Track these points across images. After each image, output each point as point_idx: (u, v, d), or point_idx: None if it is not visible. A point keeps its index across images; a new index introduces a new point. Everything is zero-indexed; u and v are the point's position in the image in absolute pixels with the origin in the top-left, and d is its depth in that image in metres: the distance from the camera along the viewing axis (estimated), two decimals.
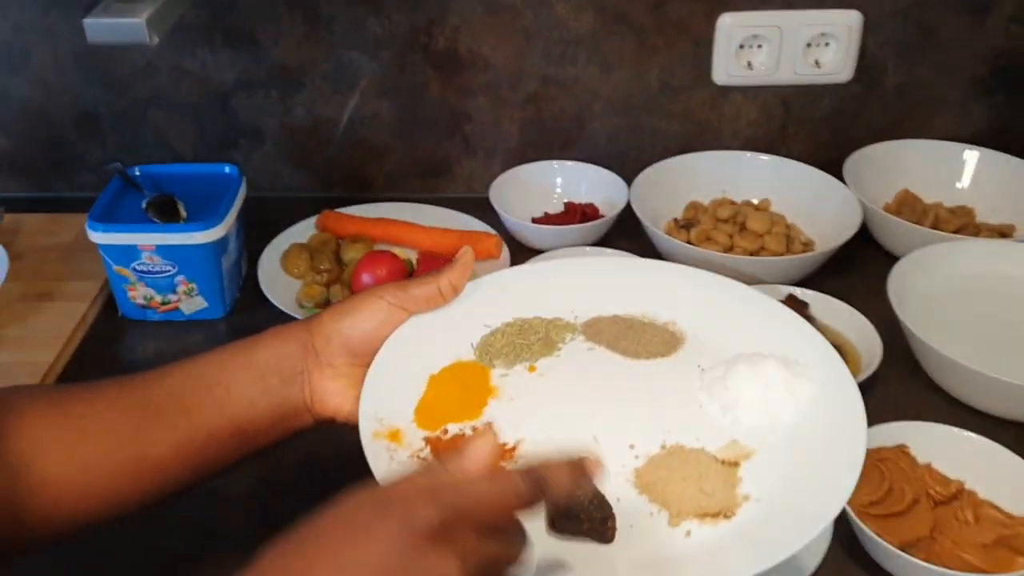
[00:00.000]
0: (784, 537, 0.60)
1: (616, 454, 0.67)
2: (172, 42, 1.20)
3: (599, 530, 0.60)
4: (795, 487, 0.64)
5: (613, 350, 0.76)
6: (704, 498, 0.64)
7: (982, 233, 1.16)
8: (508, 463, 0.66)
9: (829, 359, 0.73)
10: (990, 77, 1.25)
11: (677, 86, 1.24)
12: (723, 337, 0.76)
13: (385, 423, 0.69)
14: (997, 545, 0.77)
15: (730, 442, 0.68)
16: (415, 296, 0.74)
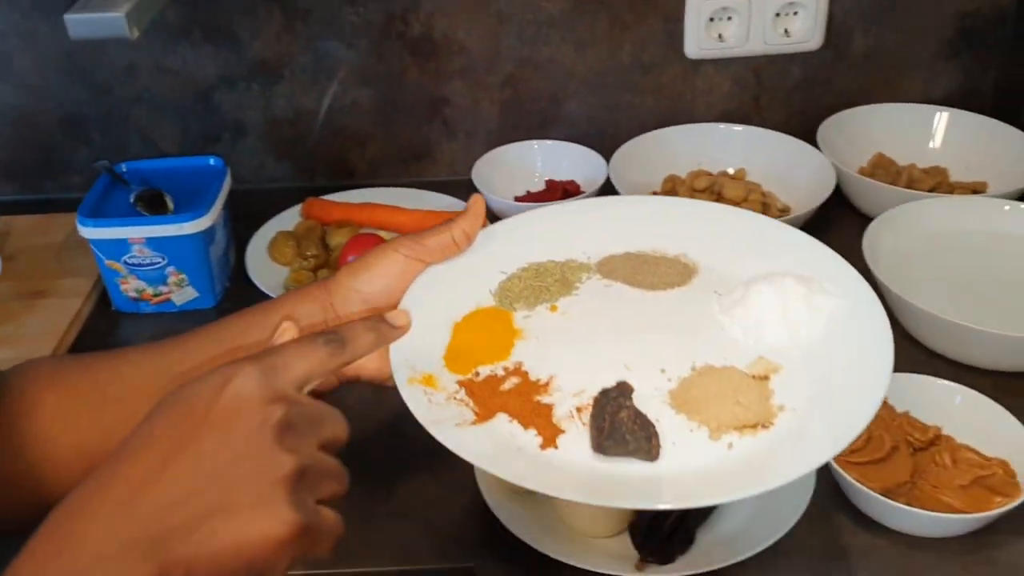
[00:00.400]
0: (825, 440, 0.61)
1: (649, 379, 0.67)
2: (153, 41, 1.22)
3: (644, 448, 0.62)
4: (829, 394, 0.65)
5: (630, 284, 0.76)
6: (741, 410, 0.64)
7: (956, 191, 1.18)
8: (544, 397, 0.67)
9: (844, 271, 0.74)
10: (956, 38, 1.27)
11: (650, 62, 1.26)
12: (734, 262, 0.76)
13: (418, 369, 0.68)
14: (974, 486, 0.79)
15: (757, 359, 0.69)
16: (430, 247, 0.73)
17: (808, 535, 0.79)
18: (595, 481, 0.61)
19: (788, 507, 0.79)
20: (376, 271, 0.72)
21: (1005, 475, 0.80)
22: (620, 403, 0.64)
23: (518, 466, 0.62)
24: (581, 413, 0.65)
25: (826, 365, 0.67)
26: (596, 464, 0.62)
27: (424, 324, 0.71)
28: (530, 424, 0.65)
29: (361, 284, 0.72)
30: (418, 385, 0.67)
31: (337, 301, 0.71)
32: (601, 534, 0.79)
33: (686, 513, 0.77)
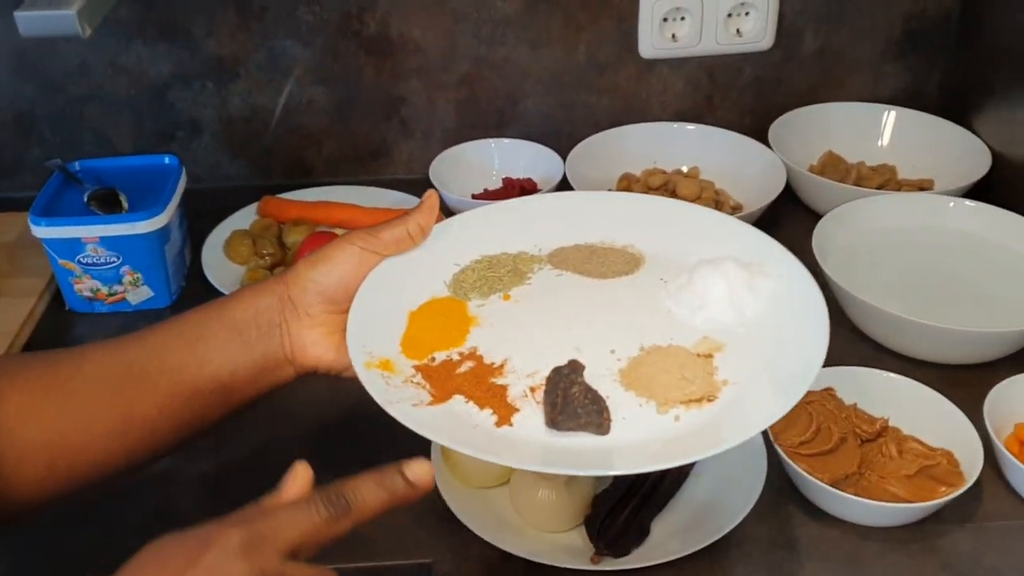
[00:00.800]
0: (767, 407, 0.64)
1: (599, 359, 0.70)
2: (106, 38, 1.20)
3: (596, 421, 0.64)
4: (770, 367, 0.69)
5: (580, 273, 0.80)
6: (687, 385, 0.68)
7: (903, 189, 1.21)
8: (498, 379, 0.69)
9: (782, 256, 0.78)
10: (903, 39, 1.30)
11: (604, 61, 1.28)
12: (679, 251, 0.80)
13: (375, 355, 0.70)
14: (920, 476, 0.81)
15: (702, 338, 0.72)
16: (385, 239, 0.75)
17: (759, 526, 0.81)
18: (550, 452, 0.64)
19: (740, 499, 0.81)
20: (333, 263, 0.73)
21: (949, 465, 0.82)
22: (572, 380, 0.67)
23: (475, 441, 0.64)
24: (534, 393, 0.68)
25: (766, 342, 0.71)
26: (550, 439, 0.65)
27: (380, 313, 0.73)
28: (485, 404, 0.67)
29: (318, 276, 0.73)
30: (375, 369, 0.69)
31: (295, 293, 0.73)
32: (557, 528, 0.80)
33: (640, 506, 0.79)
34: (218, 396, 0.72)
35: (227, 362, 0.72)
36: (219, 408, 0.73)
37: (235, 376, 0.72)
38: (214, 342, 0.72)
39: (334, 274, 0.73)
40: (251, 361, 0.72)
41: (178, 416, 0.71)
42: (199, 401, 0.72)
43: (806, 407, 0.86)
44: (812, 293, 0.73)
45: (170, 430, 0.71)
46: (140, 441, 0.71)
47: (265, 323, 0.73)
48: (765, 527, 0.81)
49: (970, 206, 1.10)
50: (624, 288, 0.78)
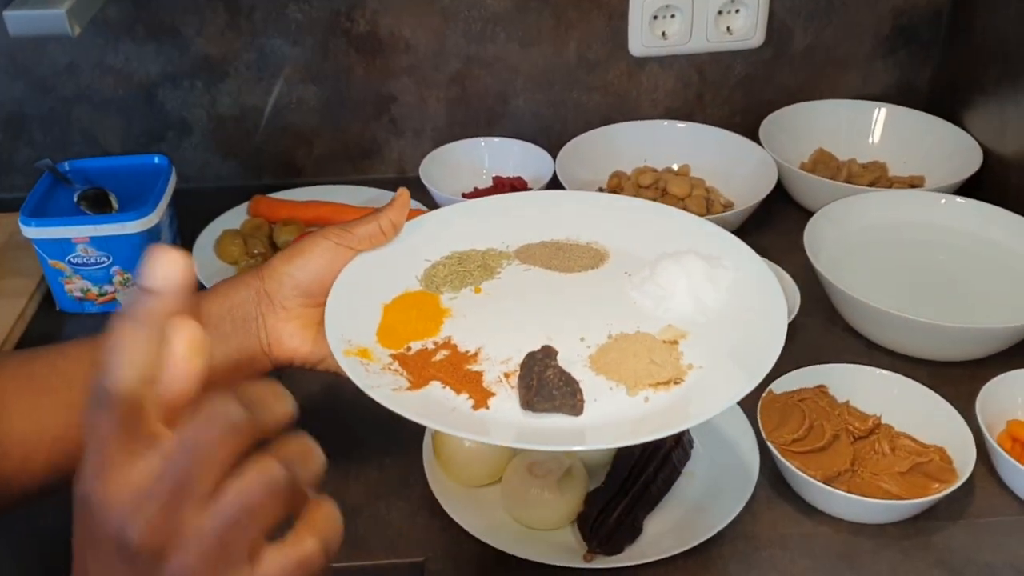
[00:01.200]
0: (732, 386, 0.67)
1: (570, 347, 0.73)
2: (94, 38, 1.20)
3: (569, 403, 0.67)
4: (733, 351, 0.71)
5: (548, 268, 0.82)
6: (655, 368, 0.70)
7: (894, 186, 1.21)
8: (473, 366, 0.71)
9: (740, 250, 0.81)
10: (893, 36, 1.30)
11: (595, 59, 1.27)
12: (642, 246, 0.83)
13: (353, 343, 0.72)
14: (912, 472, 0.81)
15: (666, 326, 0.75)
16: (358, 235, 0.77)
17: (753, 523, 0.81)
18: (525, 431, 0.66)
19: (733, 496, 0.81)
20: (308, 257, 0.75)
21: (942, 462, 0.82)
22: (546, 364, 0.69)
23: (454, 421, 0.66)
24: (509, 378, 0.70)
25: (728, 329, 0.73)
26: (525, 419, 0.67)
27: (355, 306, 0.75)
28: (462, 389, 0.69)
29: (294, 270, 0.74)
30: (354, 357, 0.71)
31: (270, 287, 0.74)
32: (549, 526, 0.80)
33: (633, 504, 0.79)
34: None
35: None
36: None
37: (211, 369, 0.71)
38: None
39: (309, 268, 0.75)
40: (226, 354, 0.73)
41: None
42: None
43: (799, 404, 0.86)
44: (769, 282, 0.76)
45: None
46: None
47: (240, 316, 0.74)
48: (758, 525, 0.81)
49: (961, 203, 1.10)
50: (590, 281, 0.81)
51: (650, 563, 0.76)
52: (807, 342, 0.99)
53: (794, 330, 0.98)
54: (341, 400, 0.94)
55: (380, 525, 0.82)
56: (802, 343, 0.99)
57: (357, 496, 0.85)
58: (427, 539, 0.81)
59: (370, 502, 0.84)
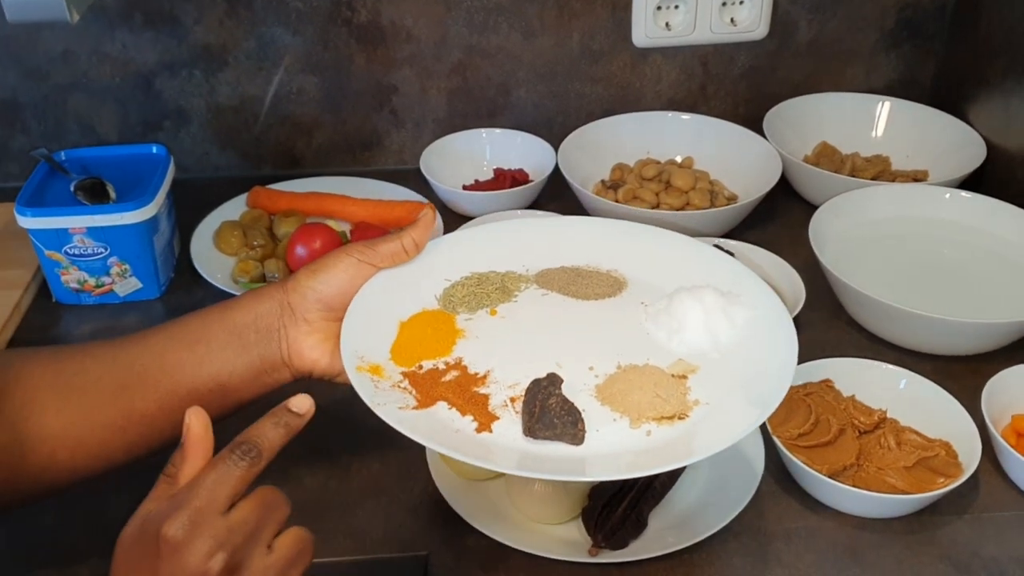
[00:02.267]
0: (736, 427, 0.67)
1: (577, 375, 0.73)
2: (90, 25, 1.19)
3: (571, 432, 0.67)
4: (741, 389, 0.71)
5: (565, 294, 0.82)
6: (660, 402, 0.70)
7: (898, 179, 1.21)
8: (481, 388, 0.72)
9: (759, 288, 0.80)
10: (897, 29, 1.29)
11: (598, 50, 1.26)
12: (661, 277, 0.82)
13: (366, 360, 0.73)
14: (918, 467, 0.81)
15: (677, 360, 0.75)
16: (381, 252, 0.79)
17: (757, 517, 0.81)
18: (525, 458, 0.66)
19: (738, 491, 0.81)
20: (332, 273, 0.77)
21: (947, 456, 0.82)
22: (550, 391, 0.69)
23: (455, 443, 0.66)
24: (514, 403, 0.71)
25: (739, 367, 0.73)
26: (526, 446, 0.67)
27: (373, 322, 0.76)
28: (467, 411, 0.70)
29: (317, 284, 0.76)
30: (366, 373, 0.72)
31: (294, 300, 0.76)
32: (554, 521, 0.79)
33: (638, 499, 0.78)
34: (216, 396, 0.75)
35: (226, 363, 0.75)
36: (217, 408, 0.74)
37: (233, 376, 0.75)
38: (214, 343, 0.75)
39: (332, 283, 0.77)
40: (248, 363, 0.75)
41: (176, 414, 0.71)
42: (197, 400, 0.73)
43: (804, 399, 0.86)
44: (784, 323, 0.76)
45: (168, 427, 0.73)
46: (139, 436, 0.73)
47: (264, 327, 0.76)
48: (764, 519, 0.81)
49: (965, 197, 1.09)
50: (606, 309, 0.81)
51: (655, 558, 0.76)
52: (812, 336, 0.98)
53: (799, 324, 0.97)
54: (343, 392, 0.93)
55: (382, 519, 0.82)
56: (807, 337, 0.96)
57: (359, 490, 0.84)
58: (430, 533, 0.80)
59: (373, 496, 0.83)
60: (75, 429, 0.71)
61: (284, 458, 0.88)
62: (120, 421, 0.72)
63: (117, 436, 0.72)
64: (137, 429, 0.73)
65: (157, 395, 0.73)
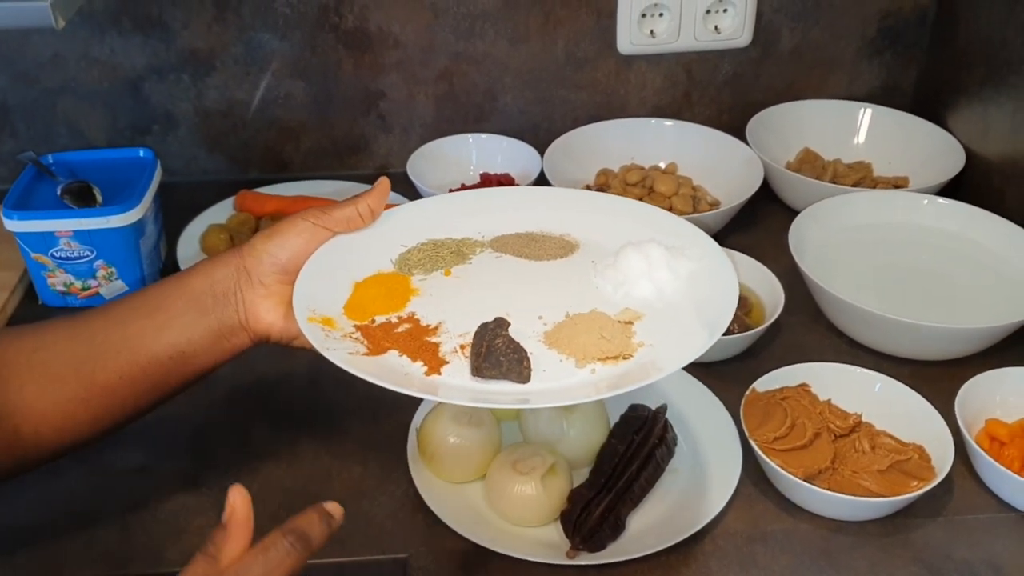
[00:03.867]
0: (677, 358, 0.70)
1: (526, 323, 0.75)
2: (79, 29, 1.19)
3: (516, 370, 0.69)
4: (683, 331, 0.74)
5: (518, 256, 0.84)
6: (605, 343, 0.72)
7: (879, 186, 1.22)
8: (432, 338, 0.74)
9: (703, 241, 0.83)
10: (879, 37, 1.31)
11: (583, 57, 1.28)
12: (611, 239, 0.84)
13: (318, 312, 0.75)
14: (892, 470, 0.82)
15: (623, 309, 0.77)
16: (336, 217, 0.80)
17: (734, 520, 0.82)
18: (473, 391, 0.69)
19: (715, 493, 0.82)
20: (287, 236, 0.78)
21: (921, 460, 0.83)
22: (496, 333, 0.72)
23: (404, 383, 0.68)
24: (464, 349, 0.73)
25: (684, 312, 0.76)
26: (475, 385, 0.70)
27: (327, 280, 0.78)
28: (417, 357, 0.72)
29: (273, 248, 0.78)
30: (317, 323, 0.73)
31: (250, 264, 0.77)
32: (533, 523, 0.80)
33: (616, 501, 0.79)
34: (176, 363, 0.76)
35: (184, 329, 0.76)
36: (178, 376, 0.77)
37: (192, 343, 0.76)
38: (172, 310, 0.76)
39: (287, 246, 0.78)
40: (207, 328, 0.76)
41: (138, 383, 0.75)
42: (158, 368, 0.76)
43: (781, 403, 0.87)
44: (727, 271, 0.78)
45: (131, 397, 0.75)
46: (103, 408, 0.75)
47: (221, 292, 0.77)
48: (740, 521, 0.82)
49: (944, 203, 1.11)
50: (557, 268, 0.83)
51: (633, 559, 0.77)
52: (790, 341, 1.00)
53: (778, 329, 0.99)
54: (325, 397, 0.94)
55: (363, 521, 0.82)
56: (785, 342, 0.99)
57: (340, 493, 0.85)
58: (411, 535, 0.81)
59: (353, 499, 0.84)
60: (39, 403, 0.72)
61: (264, 461, 0.89)
62: (82, 393, 0.73)
63: (81, 408, 0.73)
64: (100, 401, 0.74)
65: (118, 365, 0.74)
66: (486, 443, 0.84)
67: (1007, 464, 0.82)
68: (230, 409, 0.78)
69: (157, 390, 0.77)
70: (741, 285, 1.03)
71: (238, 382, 0.95)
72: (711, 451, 0.86)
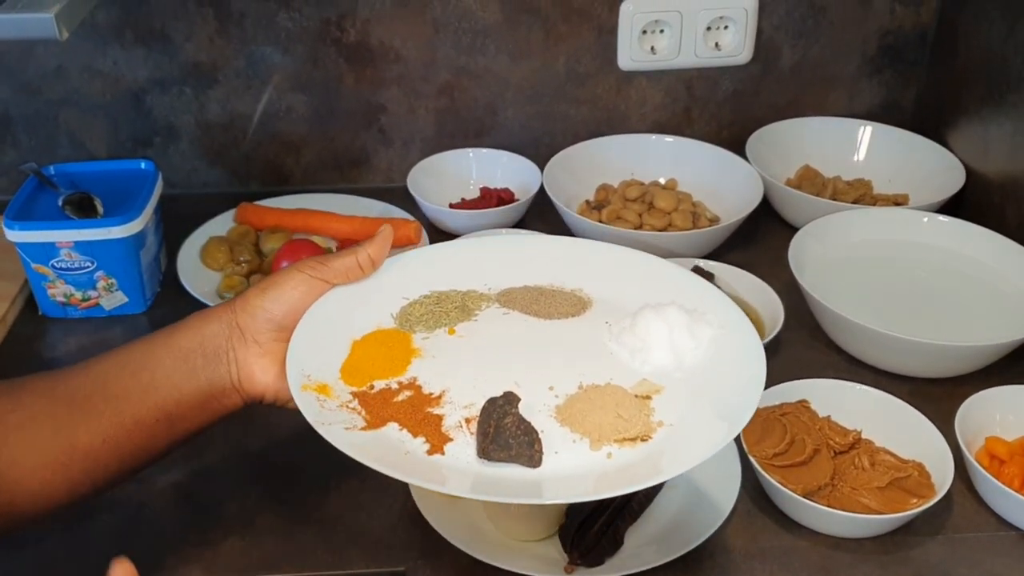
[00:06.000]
0: (703, 445, 0.65)
1: (536, 395, 0.71)
2: (82, 41, 1.20)
3: (527, 454, 0.64)
4: (706, 410, 0.69)
5: (527, 313, 0.80)
6: (622, 423, 0.68)
7: (878, 203, 1.22)
8: (434, 409, 0.69)
9: (726, 306, 0.78)
10: (879, 55, 1.31)
11: (584, 73, 1.28)
12: (626, 297, 0.80)
13: (312, 379, 0.71)
14: (891, 487, 0.82)
15: (641, 380, 0.73)
16: (335, 268, 0.76)
17: (733, 536, 0.81)
18: (480, 481, 0.64)
19: (714, 509, 0.81)
20: (282, 290, 0.74)
21: (920, 477, 0.83)
22: (506, 411, 0.67)
23: (405, 466, 0.64)
24: (469, 424, 0.68)
25: (706, 386, 0.71)
26: (481, 468, 0.64)
27: (323, 339, 0.73)
28: (419, 432, 0.67)
29: (267, 303, 0.73)
30: (311, 392, 0.69)
31: (243, 320, 0.72)
32: (531, 537, 0.80)
33: (615, 516, 0.79)
34: (163, 425, 0.71)
35: (172, 390, 0.71)
36: (165, 438, 0.72)
37: (180, 404, 0.71)
38: (159, 370, 0.71)
39: (282, 300, 0.73)
40: (196, 388, 0.72)
41: (122, 447, 0.70)
42: (144, 431, 0.70)
43: (780, 419, 0.87)
44: (752, 342, 0.74)
45: (114, 461, 0.70)
46: (83, 473, 0.69)
47: (212, 350, 0.72)
48: (739, 538, 0.81)
49: (944, 221, 1.11)
50: (568, 329, 0.79)
51: (631, 575, 0.76)
52: (790, 357, 1.00)
53: (777, 345, 0.99)
54: None
55: (360, 534, 0.82)
56: (785, 358, 0.99)
57: (338, 505, 0.85)
58: (408, 548, 0.81)
59: (351, 511, 0.84)
60: (13, 470, 0.66)
61: (262, 474, 0.89)
62: (62, 458, 0.68)
63: (59, 474, 0.68)
64: (80, 465, 0.68)
65: (101, 427, 0.69)
66: None
67: (1007, 482, 0.82)
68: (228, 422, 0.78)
69: (142, 453, 0.71)
70: (740, 300, 1.04)
71: None
72: (710, 467, 0.85)
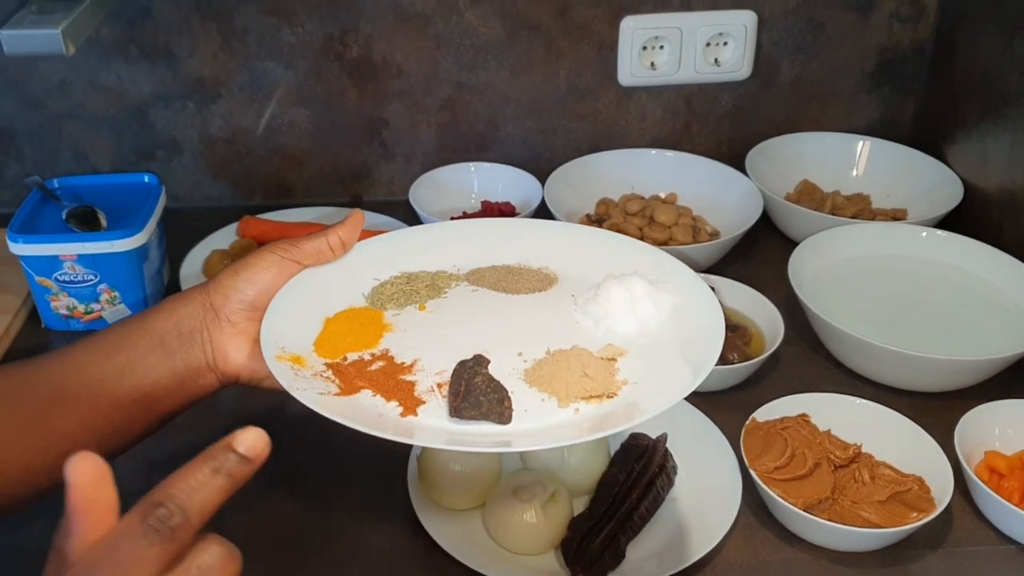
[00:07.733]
0: (666, 396, 0.67)
1: (506, 360, 0.73)
2: (87, 56, 1.21)
3: (497, 411, 0.66)
4: (669, 366, 0.72)
5: (495, 290, 0.83)
6: (588, 381, 0.71)
7: (877, 218, 1.23)
8: (407, 376, 0.71)
9: (686, 275, 0.81)
10: (877, 71, 1.32)
11: (584, 88, 1.29)
12: (591, 273, 0.83)
13: (287, 350, 0.72)
14: (892, 501, 0.82)
15: (606, 345, 0.76)
16: (306, 249, 0.78)
17: (734, 550, 0.82)
18: (453, 435, 0.66)
19: (715, 523, 0.81)
20: (254, 271, 0.75)
21: (920, 491, 0.83)
22: (476, 371, 0.69)
23: (379, 425, 0.65)
24: (441, 388, 0.71)
25: (668, 349, 0.74)
26: (453, 426, 0.67)
27: (297, 316, 0.75)
28: (392, 397, 0.70)
29: (240, 283, 0.75)
30: (286, 362, 0.71)
31: (216, 301, 0.74)
32: (533, 551, 0.80)
33: (616, 529, 0.79)
34: (140, 408, 0.72)
35: (148, 371, 0.72)
36: (142, 421, 0.73)
37: (156, 386, 0.73)
38: (134, 352, 0.72)
39: (255, 281, 0.75)
40: (172, 370, 0.73)
41: (100, 430, 0.71)
42: (121, 414, 0.72)
43: (781, 433, 0.87)
44: (712, 307, 0.76)
45: (93, 444, 0.67)
46: (61, 457, 0.66)
47: (186, 331, 0.73)
48: (740, 551, 0.82)
49: (942, 236, 1.11)
50: (536, 303, 0.82)
51: None
52: (790, 371, 1.00)
53: (777, 359, 1.00)
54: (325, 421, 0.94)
55: (362, 548, 0.82)
56: (785, 372, 1.00)
57: (339, 519, 0.85)
58: (410, 562, 0.81)
59: (352, 525, 0.84)
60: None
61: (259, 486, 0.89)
62: (41, 442, 0.69)
63: (39, 458, 0.68)
64: (59, 449, 0.67)
65: (78, 411, 0.70)
66: (487, 470, 0.83)
67: (1006, 496, 0.82)
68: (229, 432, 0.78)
69: (121, 436, 0.72)
70: (740, 314, 1.04)
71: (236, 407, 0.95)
72: (711, 480, 0.86)
